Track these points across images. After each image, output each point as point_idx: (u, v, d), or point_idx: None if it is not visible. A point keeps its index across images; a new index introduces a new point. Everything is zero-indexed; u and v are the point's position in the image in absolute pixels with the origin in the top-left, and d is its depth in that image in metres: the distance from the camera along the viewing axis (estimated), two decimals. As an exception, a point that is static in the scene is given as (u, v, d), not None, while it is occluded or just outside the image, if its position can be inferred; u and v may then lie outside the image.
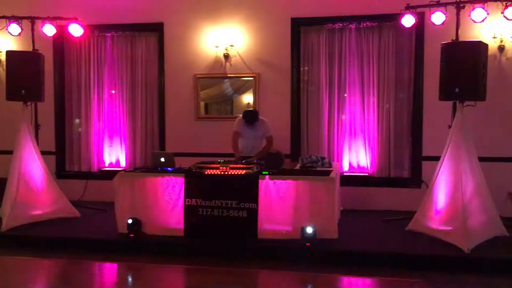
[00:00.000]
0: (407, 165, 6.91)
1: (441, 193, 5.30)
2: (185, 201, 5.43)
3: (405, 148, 6.92)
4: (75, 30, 6.57)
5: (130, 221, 5.41)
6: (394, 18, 6.28)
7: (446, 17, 5.58)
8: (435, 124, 6.40)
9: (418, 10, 5.84)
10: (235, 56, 7.11)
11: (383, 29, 6.83)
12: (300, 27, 7.01)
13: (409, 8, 5.80)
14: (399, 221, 5.88)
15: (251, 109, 6.61)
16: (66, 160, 7.80)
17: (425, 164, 6.62)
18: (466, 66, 5.10)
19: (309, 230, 5.04)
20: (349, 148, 7.03)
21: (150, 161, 6.45)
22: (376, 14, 6.70)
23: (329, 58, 6.99)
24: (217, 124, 7.20)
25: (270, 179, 5.31)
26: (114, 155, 7.67)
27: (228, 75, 7.19)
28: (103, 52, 7.62)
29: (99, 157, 7.67)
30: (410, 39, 6.77)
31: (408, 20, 5.85)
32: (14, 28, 6.36)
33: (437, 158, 5.54)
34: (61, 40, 7.54)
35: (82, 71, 7.65)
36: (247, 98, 7.27)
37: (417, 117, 6.75)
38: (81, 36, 6.88)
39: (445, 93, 5.29)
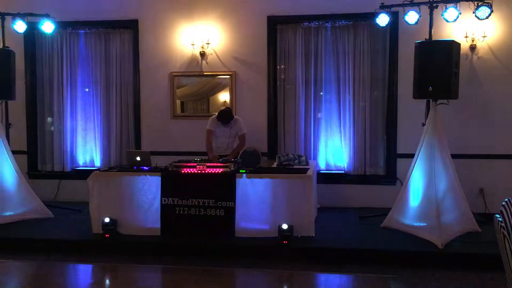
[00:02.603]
0: (382, 162, 7.00)
1: (415, 190, 5.39)
2: (161, 200, 5.38)
3: (380, 146, 7.00)
4: (47, 26, 6.42)
5: (107, 220, 5.32)
6: (369, 17, 6.34)
7: (419, 16, 5.66)
8: (409, 122, 6.50)
9: (393, 9, 5.91)
10: (211, 54, 7.07)
11: (358, 28, 6.89)
12: (276, 25, 7.01)
13: (383, 8, 5.86)
14: (375, 218, 5.95)
15: (226, 108, 6.59)
16: (38, 159, 7.61)
17: (400, 162, 6.71)
18: (439, 65, 5.20)
19: (286, 228, 5.06)
20: (326, 146, 7.08)
21: (126, 160, 6.36)
22: (352, 13, 6.75)
23: (305, 56, 7.01)
24: (193, 122, 7.15)
25: (247, 177, 5.31)
26: (89, 154, 7.53)
27: (205, 73, 7.14)
28: (76, 49, 7.45)
29: (73, 157, 7.52)
30: (384, 38, 6.85)
31: (382, 19, 5.92)
32: (-17, 24, 6.18)
33: (411, 156, 5.63)
34: (33, 37, 7.36)
35: (55, 69, 7.47)
36: (223, 96, 7.25)
37: (391, 115, 6.84)
38: (53, 33, 6.72)
39: (419, 92, 5.37)
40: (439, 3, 5.59)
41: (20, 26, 6.31)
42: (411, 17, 5.68)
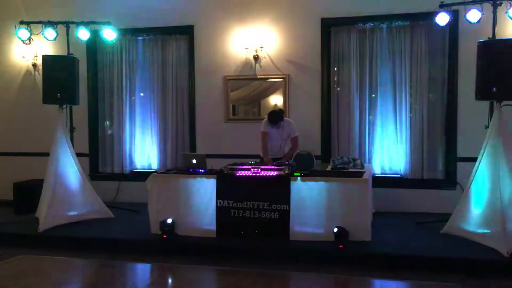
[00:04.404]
0: (441, 166, 6.77)
1: (478, 195, 5.16)
2: (217, 202, 5.46)
3: (439, 149, 6.79)
4: (109, 34, 6.68)
5: (165, 221, 5.46)
6: (427, 16, 6.16)
7: (482, 14, 5.44)
8: (470, 124, 6.27)
9: (453, 8, 5.72)
10: (265, 57, 7.11)
11: (415, 28, 6.71)
12: (330, 27, 6.96)
13: (443, 6, 5.68)
14: (433, 223, 5.77)
15: (276, 109, 6.60)
16: (99, 162, 7.92)
17: (460, 166, 6.48)
18: (504, 64, 4.97)
19: (342, 232, 4.99)
20: (381, 149, 6.93)
21: (181, 162, 6.49)
22: (409, 13, 6.60)
23: (360, 59, 6.92)
24: (247, 125, 7.21)
25: (302, 180, 5.29)
26: (146, 157, 7.76)
27: (258, 77, 7.20)
28: (134, 55, 7.72)
29: (131, 159, 7.77)
30: (443, 38, 6.64)
31: (442, 19, 5.72)
32: (50, 32, 6.51)
33: (472, 160, 5.41)
34: (94, 44, 7.67)
35: (114, 74, 7.77)
36: (275, 100, 7.26)
37: (451, 117, 6.62)
38: (113, 40, 6.95)
39: (482, 93, 5.16)
40: (503, 0, 5.35)
41: (83, 34, 6.60)
42: (473, 15, 5.47)
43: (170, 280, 4.99)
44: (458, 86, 6.49)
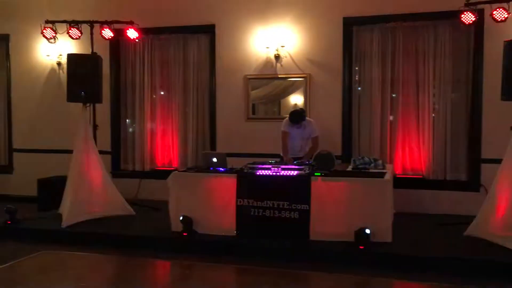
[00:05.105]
0: (464, 167, 6.66)
1: (504, 197, 5.07)
2: (237, 201, 5.46)
3: (462, 150, 6.67)
4: (131, 33, 6.76)
5: (182, 219, 5.50)
6: (451, 15, 6.06)
7: (508, 13, 5.33)
8: (495, 125, 6.15)
9: (478, 6, 5.61)
10: (286, 56, 7.09)
11: (439, 27, 6.61)
12: (352, 26, 6.90)
13: (469, 5, 5.58)
14: (456, 225, 5.67)
15: (297, 109, 6.58)
16: (121, 159, 8.01)
17: (484, 167, 6.36)
18: (532, 64, 4.87)
19: (363, 232, 4.95)
20: (403, 150, 6.85)
21: (202, 161, 6.52)
22: (432, 12, 6.49)
23: (382, 58, 6.84)
24: (267, 124, 7.20)
25: (323, 180, 5.27)
26: (167, 154, 7.82)
27: (279, 76, 7.18)
28: (156, 54, 7.78)
29: (152, 157, 7.84)
30: (468, 37, 6.52)
31: (467, 18, 5.64)
32: (74, 32, 6.61)
33: (497, 161, 5.32)
34: (117, 43, 7.76)
35: (137, 73, 7.84)
36: (295, 99, 7.23)
37: (475, 117, 6.50)
38: (136, 39, 7.04)
39: (508, 93, 5.07)
40: (531, -1, 5.24)
41: (107, 33, 6.69)
42: (499, 14, 5.37)
43: (190, 278, 5.02)
44: (483, 86, 6.37)
